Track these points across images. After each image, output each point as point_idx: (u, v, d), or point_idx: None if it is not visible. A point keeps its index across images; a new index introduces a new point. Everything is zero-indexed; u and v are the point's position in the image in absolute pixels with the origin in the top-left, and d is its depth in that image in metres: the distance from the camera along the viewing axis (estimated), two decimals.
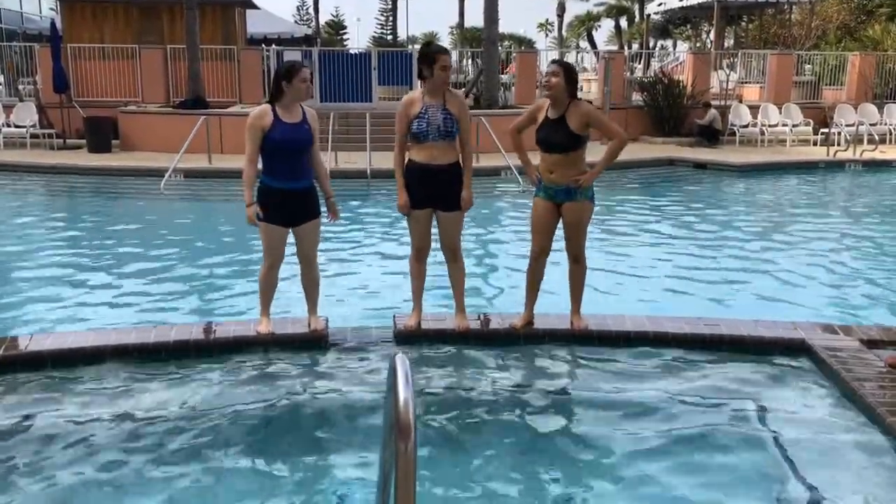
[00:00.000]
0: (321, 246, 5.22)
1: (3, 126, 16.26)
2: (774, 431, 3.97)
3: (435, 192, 4.85)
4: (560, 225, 5.04)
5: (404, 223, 5.26)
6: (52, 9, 27.78)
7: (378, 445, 2.21)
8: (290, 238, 4.98)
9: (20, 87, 18.65)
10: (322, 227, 5.10)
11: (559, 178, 4.87)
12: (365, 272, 7.51)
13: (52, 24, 17.96)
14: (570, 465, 3.73)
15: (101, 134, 15.61)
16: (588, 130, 4.85)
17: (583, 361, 4.87)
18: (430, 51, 4.89)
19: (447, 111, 4.75)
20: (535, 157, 5.04)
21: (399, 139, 4.90)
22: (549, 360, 4.90)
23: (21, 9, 30.73)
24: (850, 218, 10.93)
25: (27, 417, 4.03)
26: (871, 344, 4.86)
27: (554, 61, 5.04)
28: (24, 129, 16.15)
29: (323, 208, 5.03)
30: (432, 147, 4.78)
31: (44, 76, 17.68)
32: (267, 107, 4.80)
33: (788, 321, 5.39)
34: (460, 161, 4.89)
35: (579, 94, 5.13)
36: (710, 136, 17.41)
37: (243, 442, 3.85)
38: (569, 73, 4.82)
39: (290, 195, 4.81)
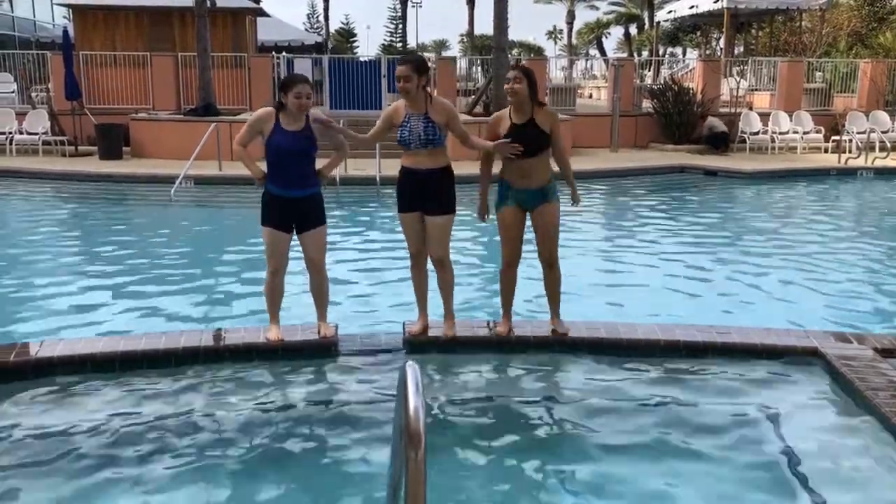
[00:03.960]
0: (330, 252, 5.21)
1: (15, 133, 16.36)
2: (786, 441, 3.93)
3: (421, 196, 4.92)
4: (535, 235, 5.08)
5: None
6: (64, 17, 28.01)
7: (388, 453, 2.20)
8: (298, 246, 4.98)
9: (33, 94, 18.79)
10: (331, 234, 5.09)
11: (533, 182, 4.93)
12: (375, 278, 7.50)
13: (65, 31, 18.06)
14: (578, 472, 3.71)
15: (112, 141, 15.69)
16: None
17: (593, 369, 4.84)
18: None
19: (429, 119, 4.81)
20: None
21: (372, 134, 5.03)
22: (559, 368, 4.89)
23: (34, 17, 31.07)
24: (862, 225, 10.86)
25: (36, 424, 4.04)
26: (886, 353, 4.81)
27: (514, 67, 5.09)
28: (37, 136, 16.26)
29: (328, 214, 5.02)
30: (416, 154, 4.88)
31: (56, 84, 17.81)
32: (271, 111, 4.79)
33: (801, 329, 5.36)
34: (449, 166, 4.96)
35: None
36: (717, 142, 17.36)
37: (252, 449, 3.84)
38: (531, 79, 4.89)
39: (287, 203, 4.81)
